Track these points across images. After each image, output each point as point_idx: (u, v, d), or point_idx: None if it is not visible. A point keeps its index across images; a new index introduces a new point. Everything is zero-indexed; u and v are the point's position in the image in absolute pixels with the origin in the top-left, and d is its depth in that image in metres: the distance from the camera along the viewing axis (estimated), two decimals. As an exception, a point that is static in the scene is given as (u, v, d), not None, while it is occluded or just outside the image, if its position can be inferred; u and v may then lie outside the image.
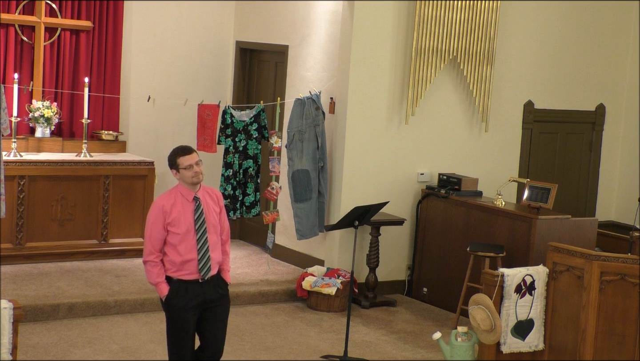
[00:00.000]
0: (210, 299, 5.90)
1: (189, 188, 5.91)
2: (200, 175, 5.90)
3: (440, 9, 9.20)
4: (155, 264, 5.84)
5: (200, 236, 5.86)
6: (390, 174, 9.33)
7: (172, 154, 5.97)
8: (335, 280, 8.71)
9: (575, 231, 8.35)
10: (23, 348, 7.04)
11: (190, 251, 5.83)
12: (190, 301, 5.84)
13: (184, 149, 5.97)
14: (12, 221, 9.03)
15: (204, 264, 5.85)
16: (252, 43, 10.60)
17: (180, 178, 5.91)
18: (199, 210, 5.89)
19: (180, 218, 5.84)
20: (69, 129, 10.05)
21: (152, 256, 5.83)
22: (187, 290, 5.83)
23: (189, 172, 5.86)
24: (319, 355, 7.53)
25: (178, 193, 5.91)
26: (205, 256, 5.85)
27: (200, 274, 5.83)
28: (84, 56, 9.97)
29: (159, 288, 5.85)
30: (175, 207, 5.85)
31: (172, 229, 5.82)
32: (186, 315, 5.83)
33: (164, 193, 6.00)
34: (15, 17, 9.61)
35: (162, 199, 5.90)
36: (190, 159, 5.89)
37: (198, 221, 5.87)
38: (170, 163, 5.95)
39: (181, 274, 5.83)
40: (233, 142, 9.05)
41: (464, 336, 7.09)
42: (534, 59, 10.12)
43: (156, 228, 5.83)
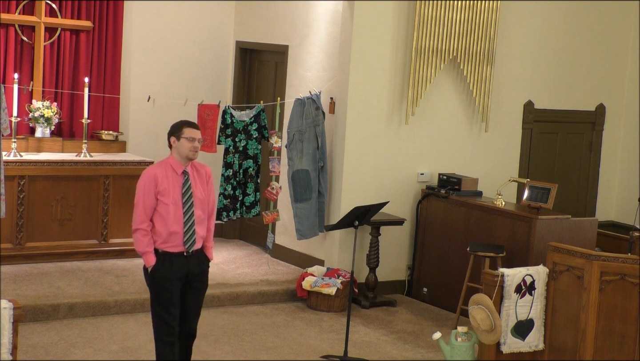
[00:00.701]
0: (192, 273, 6.04)
1: (181, 161, 6.04)
2: (197, 153, 6.03)
3: (440, 9, 9.20)
4: (145, 233, 5.95)
5: (187, 210, 5.98)
6: (390, 174, 9.33)
7: (179, 122, 6.11)
8: (335, 280, 8.71)
9: (575, 231, 8.35)
10: (23, 348, 7.04)
11: (176, 224, 5.95)
12: (175, 273, 5.97)
13: (193, 123, 6.13)
14: (12, 221, 9.03)
15: (189, 238, 5.98)
16: (252, 43, 10.60)
17: (176, 148, 6.04)
18: (187, 184, 6.02)
19: (169, 189, 5.97)
20: (69, 129, 10.05)
21: (144, 225, 5.95)
22: (172, 262, 5.97)
23: (189, 144, 6.01)
24: (319, 355, 7.53)
25: (169, 165, 6.05)
26: (190, 230, 5.98)
27: (185, 247, 5.97)
28: (84, 56, 9.97)
29: (146, 257, 5.97)
30: (165, 178, 5.98)
31: (162, 198, 5.94)
32: (171, 285, 5.97)
33: (155, 164, 6.15)
34: (15, 17, 9.61)
35: (154, 169, 6.04)
36: (196, 133, 6.05)
37: (185, 194, 6.00)
38: (174, 130, 6.07)
39: (167, 246, 5.97)
40: (233, 142, 9.05)
41: (464, 336, 7.09)
42: (534, 59, 10.12)
43: (148, 195, 5.94)
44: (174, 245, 5.98)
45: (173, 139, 6.08)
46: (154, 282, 6.02)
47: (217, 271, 9.43)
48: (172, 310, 6.02)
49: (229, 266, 9.68)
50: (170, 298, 6.00)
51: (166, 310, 6.02)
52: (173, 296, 6.00)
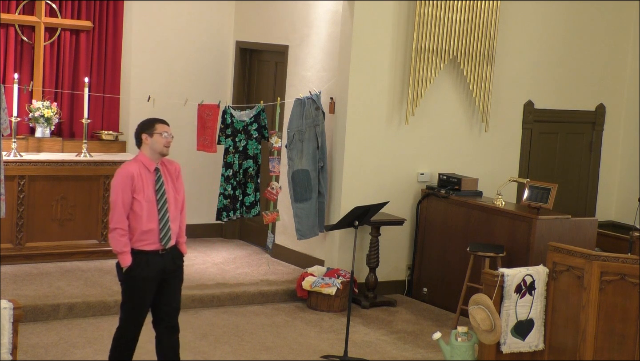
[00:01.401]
0: (168, 270, 6.09)
1: (152, 157, 6.07)
2: (169, 148, 6.07)
3: (440, 9, 9.20)
4: (124, 233, 5.96)
5: (161, 207, 6.03)
6: (390, 174, 9.33)
7: (150, 119, 6.15)
8: (335, 280, 8.71)
9: (575, 231, 8.35)
10: (23, 348, 7.04)
11: (151, 221, 5.99)
12: (151, 272, 6.01)
13: (163, 119, 6.17)
14: (12, 221, 9.03)
15: (165, 234, 6.02)
16: (252, 43, 10.60)
17: (149, 144, 6.05)
18: (159, 181, 6.06)
19: (143, 187, 6.00)
20: (69, 129, 10.05)
21: (121, 224, 5.95)
22: (148, 261, 6.00)
23: (163, 140, 6.04)
24: (319, 355, 7.53)
25: (140, 163, 6.06)
26: (165, 226, 6.02)
27: (161, 244, 6.01)
28: (84, 56, 9.97)
29: (122, 257, 5.97)
30: (139, 176, 6.01)
31: (136, 196, 5.97)
32: (146, 285, 6.02)
33: (127, 162, 6.12)
34: (15, 17, 9.61)
35: (128, 166, 6.03)
36: (167, 128, 6.09)
37: (159, 191, 6.04)
38: (146, 127, 6.09)
39: (141, 245, 5.99)
40: (233, 142, 9.05)
41: (464, 336, 7.09)
42: (534, 59, 10.13)
43: (125, 193, 5.95)
44: (148, 243, 6.01)
45: (145, 135, 6.07)
46: (129, 281, 6.05)
47: (217, 271, 9.43)
48: (142, 309, 6.11)
49: (229, 266, 9.68)
50: (143, 298, 6.06)
51: (137, 309, 6.10)
52: (146, 296, 6.06)
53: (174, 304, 6.20)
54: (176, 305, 6.22)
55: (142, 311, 6.12)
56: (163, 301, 6.17)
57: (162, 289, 6.14)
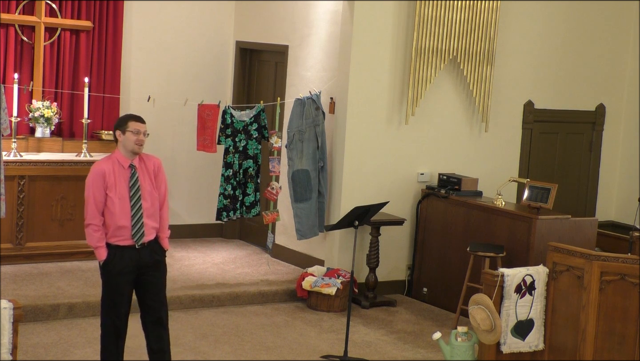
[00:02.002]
0: (145, 265, 6.14)
1: (127, 155, 6.13)
2: (142, 146, 6.12)
3: (440, 9, 9.20)
4: (97, 229, 6.05)
5: (134, 203, 6.08)
6: (390, 174, 9.33)
7: (124, 116, 6.24)
8: (335, 280, 8.71)
9: (575, 231, 8.35)
10: (23, 348, 7.04)
11: (124, 218, 6.05)
12: (126, 267, 6.08)
13: (138, 117, 6.21)
14: (12, 221, 9.03)
15: (137, 231, 6.08)
16: (252, 43, 10.60)
17: (122, 142, 6.11)
18: (134, 177, 6.11)
19: (115, 184, 6.06)
20: (69, 129, 10.05)
21: (95, 220, 6.04)
22: (123, 255, 6.07)
23: (134, 137, 6.09)
24: (319, 355, 7.53)
25: (115, 160, 6.13)
26: (138, 223, 6.07)
27: (133, 240, 6.07)
28: (84, 56, 9.97)
29: (97, 251, 6.07)
30: (112, 173, 6.07)
31: (109, 193, 6.05)
32: (121, 279, 6.09)
33: (101, 159, 6.22)
34: (15, 17, 9.61)
35: (101, 164, 6.12)
36: (141, 126, 6.13)
37: (133, 188, 6.09)
38: (119, 124, 6.16)
39: (116, 240, 6.07)
40: (233, 142, 9.05)
41: (464, 336, 7.09)
42: (534, 59, 10.13)
43: (97, 190, 6.04)
44: (122, 239, 6.09)
45: (118, 132, 6.14)
46: (105, 275, 6.14)
47: (217, 271, 9.43)
48: (120, 302, 6.17)
49: (229, 266, 9.68)
50: (119, 291, 6.14)
51: (114, 302, 6.16)
52: (122, 289, 6.14)
53: (157, 297, 6.27)
54: (159, 298, 6.29)
55: (118, 303, 6.17)
56: (146, 295, 6.25)
57: (143, 283, 6.22)
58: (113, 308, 6.18)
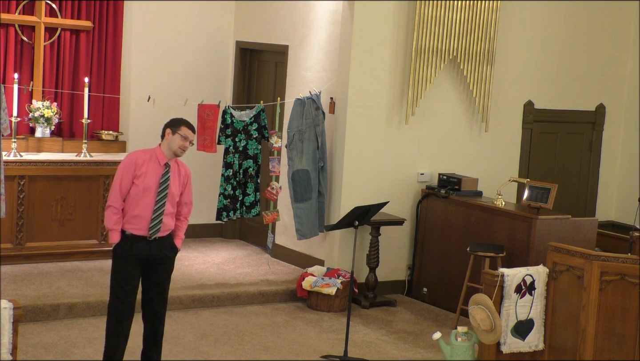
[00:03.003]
0: (153, 257, 6.35)
1: (167, 154, 6.37)
2: (184, 152, 6.37)
3: (440, 9, 9.20)
4: (116, 212, 6.29)
5: (159, 199, 6.30)
6: (390, 174, 9.33)
7: (180, 119, 6.44)
8: (335, 280, 8.71)
9: (575, 231, 8.35)
10: (23, 348, 7.04)
11: (145, 208, 6.27)
12: (134, 255, 6.30)
13: (192, 125, 6.44)
14: (12, 221, 9.03)
15: (155, 225, 6.29)
16: (252, 43, 10.60)
17: (168, 141, 6.34)
18: (166, 175, 6.34)
19: (147, 175, 6.29)
20: (69, 129, 10.05)
21: (116, 203, 6.30)
22: (133, 245, 6.30)
23: (180, 142, 6.32)
24: (319, 355, 7.53)
25: (153, 154, 6.38)
26: (158, 218, 6.29)
27: (148, 232, 6.28)
28: (84, 56, 9.97)
29: (112, 234, 6.32)
30: (146, 164, 6.32)
31: (137, 181, 6.28)
32: (128, 265, 6.32)
33: (140, 150, 6.51)
34: (15, 17, 9.61)
35: (137, 153, 6.41)
36: (190, 134, 6.38)
37: (162, 185, 6.31)
38: (173, 124, 6.39)
39: (131, 228, 6.29)
40: (233, 142, 9.05)
41: (464, 336, 7.09)
42: (534, 59, 10.13)
43: (125, 176, 6.29)
44: (137, 228, 6.29)
45: (168, 131, 6.37)
46: (115, 258, 6.39)
47: (217, 271, 9.43)
48: (126, 287, 6.36)
49: (229, 266, 9.68)
50: (125, 277, 6.34)
51: (120, 286, 6.37)
52: (126, 274, 6.34)
53: (159, 291, 6.47)
54: (161, 292, 6.49)
55: (123, 286, 6.36)
56: (150, 287, 6.47)
57: (149, 275, 6.44)
58: (116, 290, 6.40)
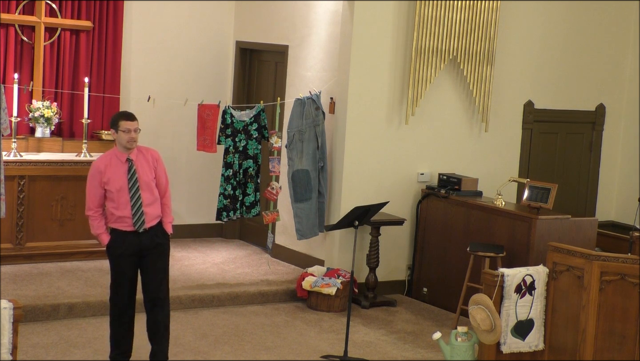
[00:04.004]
0: (146, 247, 6.58)
1: (123, 150, 6.57)
2: (135, 142, 6.54)
3: (440, 9, 9.20)
4: (95, 218, 6.58)
5: (133, 194, 6.51)
6: (390, 174, 9.33)
7: (116, 115, 6.67)
8: (335, 280, 8.71)
9: (575, 231, 8.35)
10: (23, 348, 7.04)
11: (124, 208, 6.50)
12: (127, 249, 6.54)
13: (128, 114, 6.64)
14: (12, 221, 9.03)
15: (137, 219, 6.51)
16: (252, 43, 10.60)
17: (116, 139, 6.58)
18: (131, 170, 6.53)
19: (114, 178, 6.51)
20: (69, 129, 10.05)
21: (91, 212, 6.58)
22: (125, 239, 6.54)
23: (126, 136, 6.52)
24: (319, 355, 7.53)
25: (113, 155, 6.59)
26: (138, 212, 6.51)
27: (134, 227, 6.51)
28: (84, 56, 9.97)
29: (100, 238, 6.63)
30: (109, 167, 6.53)
31: (107, 187, 6.52)
32: (124, 261, 6.56)
33: (101, 155, 6.68)
34: (15, 17, 9.61)
35: (98, 161, 6.59)
36: (131, 125, 6.54)
37: (131, 180, 6.52)
38: (112, 123, 6.61)
39: (119, 226, 6.55)
40: (233, 142, 9.05)
41: (464, 336, 7.09)
42: (534, 59, 10.13)
43: (93, 185, 6.54)
44: (125, 225, 6.54)
45: (112, 131, 6.60)
46: (110, 257, 6.63)
47: (217, 271, 9.43)
48: (123, 281, 6.62)
49: (229, 266, 9.68)
50: (121, 272, 6.60)
51: (118, 281, 6.64)
52: (123, 270, 6.59)
53: (156, 278, 6.66)
54: (158, 279, 6.68)
55: (123, 283, 6.62)
56: (147, 275, 6.67)
57: (145, 264, 6.65)
58: (115, 288, 6.64)
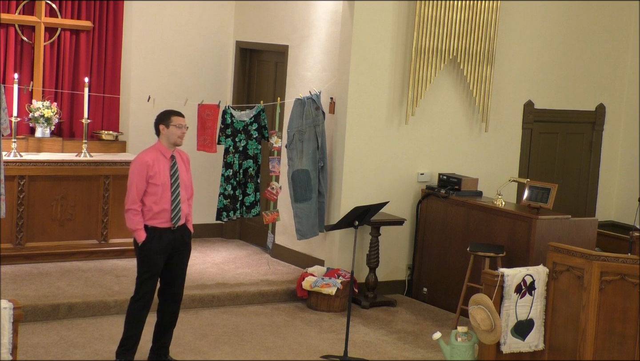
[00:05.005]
0: (177, 245, 6.77)
1: (169, 146, 6.74)
2: (182, 139, 6.74)
3: (440, 9, 9.20)
4: (136, 213, 6.64)
5: (174, 190, 6.70)
6: (390, 174, 9.33)
7: (167, 111, 6.81)
8: (335, 280, 8.71)
9: (575, 231, 8.35)
10: (23, 348, 7.04)
11: (165, 202, 6.65)
12: (162, 246, 6.69)
13: (179, 112, 6.82)
14: (12, 221, 9.03)
15: (176, 215, 6.70)
16: (252, 43, 10.60)
17: (165, 135, 6.72)
18: (174, 167, 6.73)
19: (160, 172, 6.66)
20: (69, 129, 10.05)
21: (135, 205, 6.63)
22: (161, 236, 6.68)
23: (178, 131, 6.70)
24: (319, 355, 7.53)
25: (157, 151, 6.74)
26: (177, 208, 6.70)
27: (172, 223, 6.69)
28: (84, 56, 9.97)
29: (138, 233, 6.66)
30: (156, 162, 6.67)
31: (152, 181, 6.63)
32: (159, 257, 6.70)
33: (144, 150, 6.79)
34: (15, 17, 9.61)
35: (145, 155, 6.71)
36: (182, 121, 6.76)
37: (173, 176, 6.71)
38: (163, 118, 6.75)
39: (156, 222, 6.67)
40: (233, 142, 9.05)
41: (464, 336, 7.09)
42: (534, 59, 10.13)
43: (139, 179, 6.63)
44: (162, 221, 6.68)
45: (162, 126, 6.74)
46: (144, 253, 6.68)
47: (217, 271, 9.43)
48: (154, 279, 6.76)
49: (229, 266, 9.68)
50: (155, 269, 6.72)
51: (148, 278, 6.73)
52: (157, 267, 6.72)
53: (180, 274, 6.88)
54: (181, 276, 6.91)
55: (154, 279, 6.76)
56: (172, 272, 6.83)
57: (171, 261, 6.80)
58: (146, 283, 6.73)
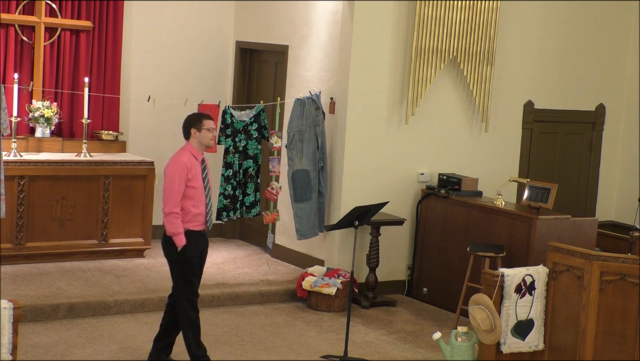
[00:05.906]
0: (206, 248, 6.89)
1: (200, 149, 6.76)
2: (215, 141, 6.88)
3: (440, 9, 9.20)
4: (178, 216, 6.63)
5: (207, 192, 6.78)
6: (390, 174, 9.33)
7: (198, 114, 6.86)
8: (335, 280, 8.71)
9: (575, 231, 8.35)
10: (23, 348, 7.04)
11: (202, 205, 6.72)
12: (199, 249, 6.78)
13: (209, 115, 6.86)
14: (12, 221, 9.03)
15: (210, 217, 6.81)
16: (252, 43, 10.60)
17: (198, 138, 6.72)
18: (205, 170, 6.80)
19: (197, 175, 6.70)
20: (69, 129, 10.05)
21: (177, 208, 6.62)
22: (197, 240, 6.75)
23: (210, 134, 6.74)
24: (319, 355, 7.53)
25: (190, 153, 6.73)
26: (210, 210, 6.79)
27: (206, 225, 6.78)
28: (84, 56, 9.97)
29: (179, 237, 6.63)
30: (193, 165, 6.70)
31: (191, 184, 6.66)
32: (197, 260, 6.77)
33: (178, 153, 6.75)
34: (15, 17, 9.61)
35: (183, 157, 6.69)
36: (212, 123, 6.79)
37: (205, 179, 6.79)
38: (194, 122, 6.75)
39: (192, 225, 6.70)
40: (233, 142, 9.05)
41: (464, 336, 7.09)
42: (534, 59, 10.13)
43: (181, 181, 6.62)
44: (197, 224, 6.72)
45: (194, 130, 6.72)
46: (183, 258, 6.68)
47: (217, 271, 9.43)
48: (195, 281, 6.82)
49: (229, 266, 9.68)
50: (195, 271, 6.78)
51: (191, 281, 6.76)
52: (196, 269, 6.80)
53: (201, 276, 6.96)
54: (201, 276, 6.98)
55: (194, 282, 6.80)
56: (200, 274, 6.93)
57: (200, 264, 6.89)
58: (189, 286, 6.76)
